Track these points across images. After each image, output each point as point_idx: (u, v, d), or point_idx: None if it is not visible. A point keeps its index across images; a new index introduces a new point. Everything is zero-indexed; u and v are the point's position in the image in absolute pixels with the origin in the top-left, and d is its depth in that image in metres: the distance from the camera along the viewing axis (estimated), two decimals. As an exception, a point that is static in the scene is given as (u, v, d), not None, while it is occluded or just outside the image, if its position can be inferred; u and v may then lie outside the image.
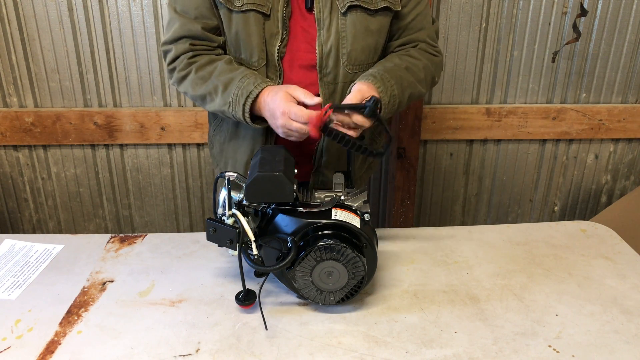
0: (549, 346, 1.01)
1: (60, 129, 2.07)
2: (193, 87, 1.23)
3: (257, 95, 1.15)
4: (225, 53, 1.27)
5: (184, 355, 0.98)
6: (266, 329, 1.04)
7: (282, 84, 1.24)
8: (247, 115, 1.17)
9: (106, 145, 2.13)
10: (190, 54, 1.23)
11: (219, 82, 1.19)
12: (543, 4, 1.98)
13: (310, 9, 1.22)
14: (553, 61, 2.05)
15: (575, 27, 1.92)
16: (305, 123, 1.07)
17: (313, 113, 1.05)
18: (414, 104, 2.01)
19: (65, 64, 2.00)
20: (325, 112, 1.05)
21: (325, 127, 1.07)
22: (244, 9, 1.19)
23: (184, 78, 1.24)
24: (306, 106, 1.10)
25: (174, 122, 2.06)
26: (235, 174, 1.11)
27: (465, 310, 1.11)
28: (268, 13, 1.20)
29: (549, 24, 2.01)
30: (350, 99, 1.12)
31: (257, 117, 1.20)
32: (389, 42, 1.32)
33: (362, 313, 1.10)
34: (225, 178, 1.10)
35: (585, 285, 1.19)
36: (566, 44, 2.01)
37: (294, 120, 1.08)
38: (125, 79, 2.03)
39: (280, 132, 1.13)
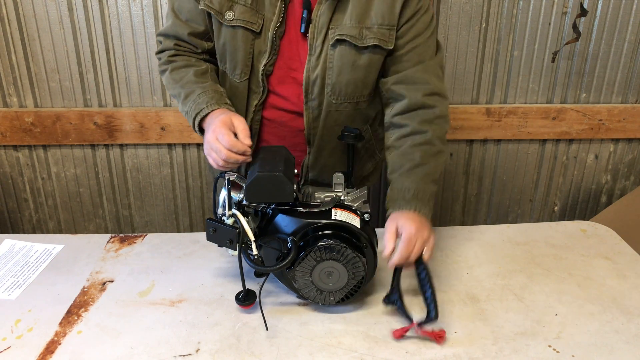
0: (549, 346, 1.01)
1: (60, 129, 2.06)
2: (167, 84, 1.30)
3: (207, 115, 1.18)
4: (211, 58, 1.30)
5: (184, 355, 0.98)
6: (266, 329, 1.04)
7: (267, 99, 1.26)
8: (196, 128, 1.22)
9: (106, 145, 2.13)
10: (173, 52, 1.28)
11: (182, 90, 1.23)
12: (543, 4, 1.98)
13: (305, 34, 1.21)
14: (553, 61, 2.05)
15: (575, 27, 1.92)
16: (226, 148, 1.08)
17: (237, 143, 1.08)
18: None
19: (65, 64, 2.00)
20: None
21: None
22: (233, 24, 1.19)
23: (163, 72, 1.30)
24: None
25: (174, 122, 2.06)
26: (235, 174, 1.11)
27: (465, 310, 1.11)
28: (258, 31, 1.20)
29: (549, 24, 2.01)
30: (388, 237, 1.10)
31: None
32: (383, 78, 1.25)
33: (362, 313, 1.10)
34: (225, 178, 1.10)
35: (585, 285, 1.19)
36: (566, 44, 2.01)
37: (219, 141, 1.09)
38: (125, 79, 2.03)
39: (205, 147, 1.15)
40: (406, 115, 1.22)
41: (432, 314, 1.03)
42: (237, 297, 1.10)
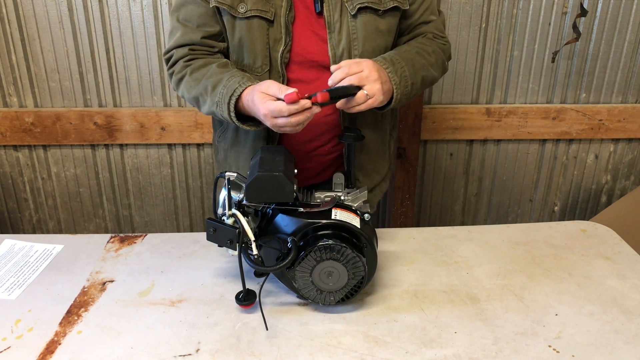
0: (549, 346, 1.01)
1: (60, 129, 2.07)
2: (188, 89, 1.23)
3: (241, 94, 1.13)
4: (227, 58, 1.27)
5: (184, 355, 0.98)
6: (266, 329, 1.04)
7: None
8: (232, 114, 1.15)
9: (106, 145, 2.13)
10: (188, 57, 1.24)
11: (208, 83, 1.18)
12: (543, 4, 1.98)
13: (320, 13, 1.22)
14: (553, 61, 2.05)
15: (575, 27, 1.93)
16: (290, 115, 1.04)
17: (291, 106, 1.04)
18: (414, 103, 2.01)
19: (65, 64, 2.00)
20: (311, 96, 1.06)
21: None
22: (247, 16, 1.20)
23: (180, 80, 1.25)
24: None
25: (174, 122, 2.06)
26: (235, 174, 1.11)
27: (465, 310, 1.10)
28: (272, 19, 1.20)
29: (549, 24, 2.01)
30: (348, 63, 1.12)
31: (249, 119, 1.19)
32: (398, 39, 1.33)
33: (362, 313, 1.10)
34: (225, 178, 1.10)
35: (585, 285, 1.19)
36: (566, 44, 2.01)
37: (278, 117, 1.06)
38: (125, 79, 2.03)
39: (275, 130, 1.12)
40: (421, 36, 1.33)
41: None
42: (237, 297, 1.10)
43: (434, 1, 1.33)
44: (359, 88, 1.11)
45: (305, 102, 1.04)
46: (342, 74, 1.11)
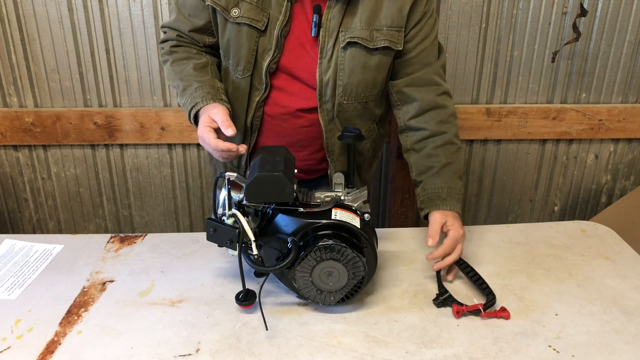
0: (549, 346, 1.01)
1: (60, 129, 2.07)
2: (167, 76, 1.34)
3: (201, 109, 1.21)
4: (212, 51, 1.33)
5: (184, 355, 0.98)
6: (266, 329, 1.04)
7: (269, 96, 1.28)
8: (192, 120, 1.24)
9: (106, 145, 2.13)
10: (175, 42, 1.32)
11: (181, 83, 1.26)
12: (543, 4, 1.98)
13: (315, 38, 1.23)
14: (553, 61, 2.05)
15: (575, 27, 1.92)
16: (214, 148, 1.13)
17: (217, 143, 1.12)
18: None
19: (65, 64, 2.00)
20: None
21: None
22: (238, 21, 1.21)
23: (164, 62, 1.34)
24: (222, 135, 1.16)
25: (174, 122, 2.06)
26: (235, 174, 1.11)
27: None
28: (263, 29, 1.21)
29: (549, 24, 2.01)
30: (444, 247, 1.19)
31: None
32: (393, 81, 1.30)
33: (362, 313, 1.10)
34: (225, 178, 1.10)
35: (585, 285, 1.19)
36: (566, 44, 2.01)
37: (206, 143, 1.15)
38: (125, 79, 2.03)
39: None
40: (421, 118, 1.29)
41: (491, 297, 1.10)
42: (237, 297, 1.10)
43: (435, 44, 1.30)
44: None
45: (230, 146, 1.13)
46: (444, 253, 1.19)
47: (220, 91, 1.25)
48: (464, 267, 1.21)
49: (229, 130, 1.13)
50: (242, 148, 1.14)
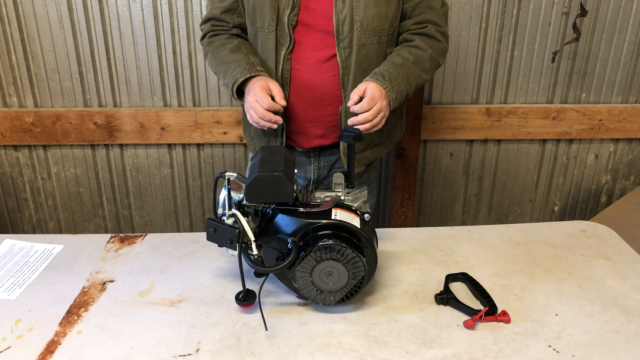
0: (549, 346, 1.01)
1: (60, 129, 2.07)
2: (210, 66, 1.50)
3: (243, 82, 1.36)
4: (242, 31, 1.49)
5: (184, 355, 0.98)
6: (266, 329, 1.04)
7: (293, 48, 1.40)
8: (235, 96, 1.40)
9: (106, 145, 2.13)
10: (211, 32, 1.50)
11: (221, 67, 1.43)
12: (543, 4, 1.98)
13: None
14: (553, 61, 2.05)
15: (575, 27, 1.92)
16: (265, 108, 1.29)
17: (273, 104, 1.29)
18: (414, 103, 2.01)
19: (65, 64, 2.00)
20: None
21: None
22: None
23: (206, 55, 1.52)
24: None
25: (174, 122, 2.06)
26: (235, 174, 1.11)
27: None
28: None
29: (549, 24, 2.01)
30: (355, 91, 1.30)
31: None
32: (402, 22, 1.43)
33: (362, 313, 1.10)
34: (225, 178, 1.10)
35: (585, 285, 1.19)
36: (566, 44, 2.01)
37: (258, 102, 1.30)
38: (125, 79, 2.03)
39: (245, 106, 1.37)
40: (417, 36, 1.44)
41: (494, 305, 1.10)
42: (237, 297, 1.10)
43: None
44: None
45: (279, 109, 1.32)
46: (361, 110, 1.29)
47: (256, 64, 1.39)
48: (471, 282, 1.19)
49: (283, 100, 1.32)
50: (280, 119, 1.32)
